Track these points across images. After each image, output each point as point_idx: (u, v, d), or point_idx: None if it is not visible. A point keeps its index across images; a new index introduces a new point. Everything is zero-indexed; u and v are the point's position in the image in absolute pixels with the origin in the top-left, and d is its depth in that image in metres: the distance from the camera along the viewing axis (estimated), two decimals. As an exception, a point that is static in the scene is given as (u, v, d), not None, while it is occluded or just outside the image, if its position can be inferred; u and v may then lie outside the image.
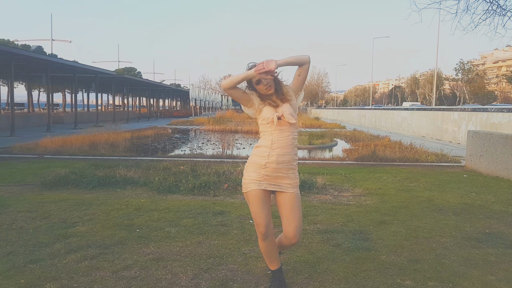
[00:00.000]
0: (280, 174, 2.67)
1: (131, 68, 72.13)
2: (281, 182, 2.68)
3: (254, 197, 2.65)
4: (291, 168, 2.70)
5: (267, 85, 2.63)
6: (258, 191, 2.65)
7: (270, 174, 2.66)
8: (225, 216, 4.66)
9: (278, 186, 2.69)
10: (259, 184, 2.66)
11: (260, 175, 2.66)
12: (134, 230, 4.11)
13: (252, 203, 2.66)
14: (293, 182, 2.72)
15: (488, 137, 8.81)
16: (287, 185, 2.69)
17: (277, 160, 2.64)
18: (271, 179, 2.67)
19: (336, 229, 4.22)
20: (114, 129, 17.14)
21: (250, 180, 2.68)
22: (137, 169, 7.74)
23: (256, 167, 2.69)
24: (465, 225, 4.48)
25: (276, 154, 2.64)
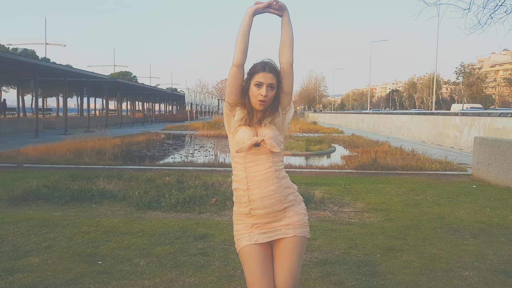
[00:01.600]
0: (273, 218, 1.97)
1: (126, 72, 71.39)
2: (277, 226, 1.97)
3: (247, 256, 1.95)
4: (287, 207, 1.97)
5: (265, 98, 1.92)
6: (251, 247, 1.94)
7: (260, 221, 1.96)
8: (207, 242, 4.00)
9: (273, 233, 1.97)
10: (249, 238, 1.96)
11: (248, 226, 1.97)
12: (95, 262, 3.44)
13: (246, 264, 1.96)
14: (295, 221, 1.98)
15: (497, 144, 8.20)
16: (285, 228, 1.97)
17: (263, 205, 1.93)
18: (263, 226, 1.97)
19: (337, 258, 3.56)
20: (103, 135, 16.43)
21: (239, 235, 2.00)
22: (118, 181, 7.09)
23: (241, 217, 2.00)
24: (487, 251, 3.84)
25: (258, 198, 1.92)
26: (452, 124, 17.62)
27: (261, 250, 1.94)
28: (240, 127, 1.96)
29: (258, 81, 1.91)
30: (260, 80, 1.91)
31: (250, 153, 1.93)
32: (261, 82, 1.91)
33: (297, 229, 1.96)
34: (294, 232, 1.95)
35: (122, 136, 18.68)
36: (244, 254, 1.95)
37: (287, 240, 1.95)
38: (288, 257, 1.94)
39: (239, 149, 1.92)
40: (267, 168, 1.93)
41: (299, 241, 1.96)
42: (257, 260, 1.92)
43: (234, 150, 1.97)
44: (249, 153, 1.93)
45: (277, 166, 1.96)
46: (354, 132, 25.17)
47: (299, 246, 1.96)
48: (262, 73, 1.92)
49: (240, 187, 1.96)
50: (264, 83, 1.91)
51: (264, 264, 1.93)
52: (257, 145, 1.92)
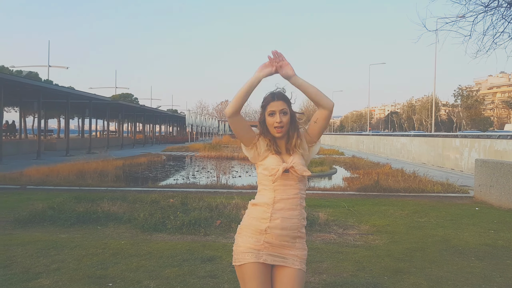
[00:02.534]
0: (285, 243, 2.01)
1: (128, 94, 71.98)
2: (287, 254, 2.01)
3: (250, 274, 1.95)
4: (298, 237, 2.04)
5: (280, 123, 2.02)
6: (256, 265, 1.96)
7: (272, 242, 2.00)
8: (215, 264, 4.03)
9: (282, 259, 2.01)
10: (257, 255, 1.97)
11: (260, 243, 1.99)
12: (106, 284, 3.47)
13: (247, 282, 1.96)
14: (301, 255, 2.04)
15: (498, 166, 8.28)
16: (293, 258, 2.01)
17: (282, 225, 1.99)
18: (273, 248, 2.00)
19: (345, 281, 3.59)
20: (105, 157, 16.49)
21: (246, 249, 1.99)
22: (123, 203, 7.12)
23: (253, 232, 2.02)
24: (493, 274, 3.87)
25: (280, 217, 1.99)
26: (452, 146, 17.73)
27: (265, 271, 1.98)
28: (268, 156, 2.05)
29: (270, 110, 2.04)
30: (272, 109, 2.03)
31: (280, 178, 2.01)
32: (274, 110, 2.03)
33: (302, 263, 2.03)
34: (300, 265, 2.01)
35: (124, 157, 18.74)
36: (247, 270, 1.96)
37: (293, 270, 2.00)
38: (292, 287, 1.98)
39: (273, 178, 2.00)
40: (294, 194, 2.03)
41: (302, 274, 2.03)
42: (260, 280, 1.95)
43: (263, 175, 2.05)
44: (279, 178, 2.01)
45: (302, 193, 2.07)
46: (354, 153, 25.28)
47: (302, 279, 2.02)
48: (272, 103, 2.04)
49: (265, 202, 2.02)
50: (276, 110, 2.02)
51: (266, 285, 1.97)
52: (286, 171, 2.00)
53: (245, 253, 1.98)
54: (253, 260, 1.96)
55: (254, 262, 1.96)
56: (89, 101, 26.31)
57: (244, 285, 1.98)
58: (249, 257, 1.97)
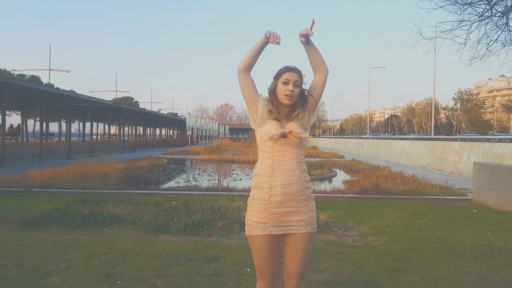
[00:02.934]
0: (288, 209, 2.16)
1: (128, 97, 72.17)
2: (291, 220, 2.17)
3: (257, 244, 2.17)
4: (302, 200, 2.18)
5: (292, 92, 2.19)
6: (263, 237, 2.15)
7: (275, 212, 2.15)
8: (219, 263, 4.16)
9: (287, 227, 2.17)
10: (263, 228, 2.16)
11: (264, 215, 2.16)
12: (115, 282, 3.61)
13: (256, 251, 2.19)
14: (307, 218, 2.19)
15: (496, 169, 8.42)
16: (298, 223, 2.18)
17: (283, 192, 2.13)
18: (278, 218, 2.16)
19: (345, 279, 3.72)
20: (107, 160, 16.64)
21: (253, 223, 2.19)
22: (127, 205, 7.26)
23: (258, 205, 2.18)
24: (488, 273, 4.00)
25: (280, 184, 2.13)
26: (451, 150, 17.87)
27: (272, 241, 2.16)
28: (267, 120, 2.20)
29: (286, 78, 2.19)
30: (288, 78, 2.19)
31: (278, 143, 2.17)
32: (288, 79, 2.18)
33: (308, 225, 2.18)
34: (305, 228, 2.17)
35: (125, 161, 18.87)
36: (256, 241, 2.16)
37: (299, 235, 2.17)
38: (299, 250, 2.16)
39: (272, 136, 2.15)
40: (292, 159, 2.17)
41: (310, 236, 2.19)
42: (267, 249, 2.15)
43: (262, 140, 2.20)
44: (277, 143, 2.17)
45: (300, 158, 2.21)
46: (354, 157, 25.41)
47: (309, 241, 2.19)
48: (288, 73, 2.20)
49: (264, 173, 2.18)
50: (291, 80, 2.18)
51: (273, 253, 2.16)
52: (284, 136, 2.16)
53: (253, 227, 2.17)
54: (259, 233, 2.15)
55: (260, 235, 2.14)
56: (91, 104, 26.49)
57: (254, 252, 2.20)
58: (256, 230, 2.16)
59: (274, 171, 2.15)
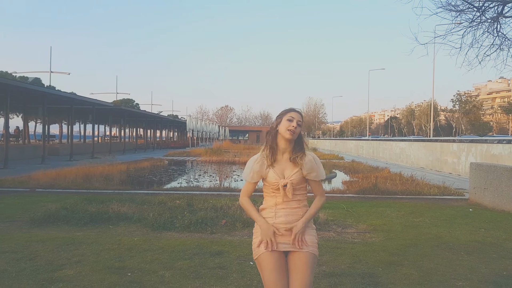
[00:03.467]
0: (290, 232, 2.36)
1: (129, 99, 72.44)
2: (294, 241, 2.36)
3: (266, 262, 2.30)
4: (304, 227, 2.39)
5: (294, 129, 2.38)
6: (269, 254, 2.30)
7: (279, 233, 2.36)
8: (223, 257, 4.36)
9: (289, 246, 2.35)
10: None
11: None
12: (125, 273, 3.81)
13: (265, 270, 2.29)
14: (309, 240, 2.37)
15: (492, 169, 8.61)
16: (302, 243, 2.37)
17: (286, 220, 2.36)
18: (281, 238, 2.35)
19: (343, 271, 3.93)
20: (109, 161, 16.84)
21: (259, 243, 2.37)
22: (131, 204, 7.45)
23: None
24: (479, 266, 4.20)
25: (284, 215, 2.36)
26: (450, 151, 18.07)
27: (278, 258, 2.31)
28: (268, 170, 2.40)
29: (290, 116, 2.41)
30: (293, 116, 2.41)
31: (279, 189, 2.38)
32: (293, 117, 2.40)
33: (310, 247, 2.35)
34: (307, 248, 2.34)
35: (127, 162, 19.07)
36: (262, 260, 2.31)
37: (301, 254, 2.32)
38: (303, 269, 2.29)
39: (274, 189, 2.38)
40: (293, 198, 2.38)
41: (311, 256, 2.34)
42: (274, 266, 2.27)
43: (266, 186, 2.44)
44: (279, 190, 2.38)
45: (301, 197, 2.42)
46: (354, 158, 25.60)
47: (312, 261, 2.33)
48: (293, 112, 2.43)
49: (269, 205, 2.42)
50: (295, 118, 2.40)
51: (280, 271, 2.28)
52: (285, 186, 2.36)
53: (259, 248, 2.35)
54: (265, 250, 2.32)
55: (266, 252, 2.31)
56: (93, 106, 26.70)
57: (263, 273, 2.32)
58: (262, 249, 2.33)
59: (278, 205, 2.39)
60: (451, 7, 6.79)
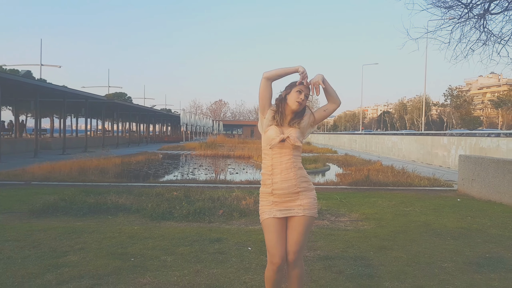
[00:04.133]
0: (288, 199, 2.58)
1: (121, 93, 72.09)
2: (292, 206, 2.58)
3: (267, 226, 2.60)
4: (300, 191, 2.59)
5: (302, 101, 2.60)
6: (270, 219, 2.58)
7: (278, 200, 2.59)
8: (222, 243, 4.55)
9: (288, 211, 2.59)
10: (269, 212, 2.60)
11: (269, 203, 2.61)
12: (128, 259, 3.97)
13: (266, 233, 2.61)
14: (305, 203, 2.59)
15: (480, 161, 8.88)
16: (298, 208, 2.58)
17: (281, 186, 2.57)
18: (280, 204, 2.59)
19: (336, 255, 4.13)
20: (103, 155, 16.91)
21: (262, 210, 2.65)
22: (129, 196, 7.60)
23: (264, 196, 2.66)
24: (464, 249, 4.43)
25: (279, 180, 2.57)
26: (440, 144, 18.40)
27: (278, 223, 2.59)
28: (270, 126, 2.63)
29: (300, 89, 2.61)
30: (302, 89, 2.61)
31: (276, 147, 2.59)
32: (302, 90, 2.61)
33: (306, 210, 2.59)
34: (303, 212, 2.59)
35: (122, 156, 19.13)
36: (265, 224, 2.61)
37: (298, 218, 2.59)
38: (297, 230, 2.58)
39: (271, 146, 2.59)
40: (288, 159, 2.59)
41: (307, 219, 2.60)
42: (274, 229, 2.57)
43: (265, 144, 2.64)
44: (276, 147, 2.59)
45: (296, 158, 2.63)
46: (347, 152, 25.89)
47: (306, 223, 2.60)
48: (302, 86, 2.62)
49: (266, 172, 2.64)
50: (304, 91, 2.61)
51: (280, 233, 2.58)
52: (283, 140, 2.57)
53: (263, 213, 2.63)
54: (267, 216, 2.61)
55: (268, 218, 2.60)
56: (85, 100, 26.63)
57: (266, 235, 2.62)
58: (265, 215, 2.62)
59: (273, 170, 2.58)
60: (440, 3, 7.03)
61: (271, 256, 2.57)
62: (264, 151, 2.66)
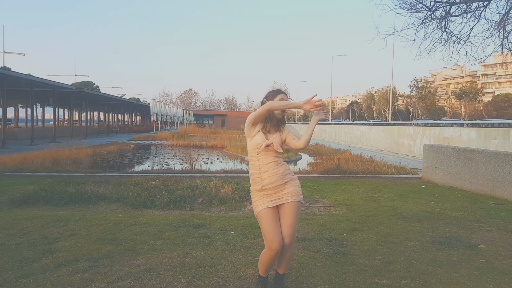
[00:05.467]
0: (278, 190, 2.92)
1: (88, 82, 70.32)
2: (280, 195, 2.92)
3: (262, 216, 2.89)
4: (286, 181, 2.94)
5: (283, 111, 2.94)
6: (264, 210, 2.90)
7: (268, 193, 2.92)
8: (206, 229, 4.82)
9: (278, 199, 2.92)
10: (262, 204, 2.92)
11: (261, 196, 2.94)
12: (119, 243, 4.19)
13: (262, 222, 2.89)
14: (292, 190, 2.94)
15: (443, 150, 9.49)
16: (286, 195, 2.92)
17: (269, 180, 2.91)
18: (270, 196, 2.92)
19: (313, 237, 4.50)
20: (75, 145, 16.72)
21: (256, 204, 2.97)
22: (108, 185, 7.72)
23: (255, 193, 2.98)
24: (428, 230, 4.90)
25: (267, 177, 2.91)
26: (406, 134, 19.23)
27: (271, 212, 2.91)
28: (258, 132, 2.96)
29: (281, 98, 2.96)
30: (283, 98, 2.97)
31: (262, 151, 2.94)
32: (283, 98, 2.97)
33: (294, 196, 2.95)
34: (292, 198, 2.94)
35: (93, 146, 18.96)
36: (260, 215, 2.92)
37: (288, 204, 2.94)
38: (289, 215, 2.93)
39: (258, 149, 2.92)
40: (272, 160, 2.95)
41: (296, 204, 2.96)
42: (269, 218, 2.89)
43: (251, 148, 2.98)
44: (261, 151, 2.94)
45: (278, 158, 3.00)
46: (317, 142, 26.54)
47: (296, 208, 2.96)
48: (283, 94, 2.99)
49: (254, 172, 2.97)
50: (284, 99, 2.97)
51: (274, 221, 2.90)
52: (268, 145, 2.92)
53: (257, 206, 2.96)
54: (261, 208, 2.93)
55: (262, 209, 2.92)
56: (53, 89, 25.98)
57: (261, 225, 2.92)
58: (259, 207, 2.95)
59: (261, 169, 2.92)
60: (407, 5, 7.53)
61: (269, 242, 2.85)
62: (251, 154, 2.99)
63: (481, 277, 3.40)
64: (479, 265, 3.69)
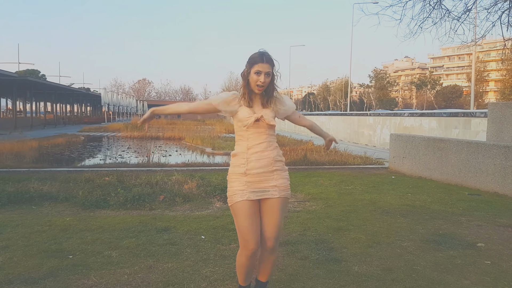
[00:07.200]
0: (263, 178, 2.38)
1: (34, 70, 66.15)
2: (266, 186, 2.39)
3: (239, 209, 2.35)
4: (276, 170, 2.41)
5: (263, 83, 2.34)
6: (243, 202, 2.35)
7: (252, 180, 2.36)
8: (171, 233, 4.15)
9: (262, 193, 2.38)
10: (242, 194, 2.36)
11: (242, 183, 2.38)
12: (65, 256, 3.43)
13: (238, 217, 2.36)
14: (280, 184, 2.41)
15: (410, 140, 9.30)
16: (273, 189, 2.39)
17: (257, 165, 2.36)
18: (254, 185, 2.37)
19: (296, 239, 3.96)
20: (17, 138, 15.27)
21: (233, 192, 2.39)
22: (54, 182, 6.83)
23: (236, 177, 2.41)
24: (417, 227, 4.51)
25: (255, 159, 2.37)
26: (366, 124, 19.25)
27: (252, 205, 2.35)
28: (240, 107, 2.37)
29: (257, 70, 2.32)
30: (259, 69, 2.32)
31: (252, 126, 2.36)
32: (260, 70, 2.32)
33: (282, 191, 2.41)
34: (279, 194, 2.40)
35: (38, 138, 17.46)
36: (237, 207, 2.35)
37: (274, 200, 2.39)
38: (275, 214, 2.39)
39: (247, 125, 2.34)
40: (264, 139, 2.39)
41: (283, 201, 2.43)
42: (248, 213, 2.33)
43: (238, 126, 2.40)
44: (251, 127, 2.36)
45: (271, 138, 2.43)
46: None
47: (283, 205, 2.43)
48: (260, 64, 2.33)
49: (241, 152, 2.39)
50: (262, 71, 2.33)
51: (254, 217, 2.35)
52: (257, 120, 2.35)
53: (234, 195, 2.37)
54: (239, 199, 2.35)
55: (240, 201, 2.34)
56: (-7, 77, 23.86)
57: (236, 219, 2.36)
58: (236, 198, 2.36)
59: (249, 150, 2.38)
60: None
61: (245, 241, 2.34)
62: (239, 133, 2.43)
63: (496, 284, 2.99)
64: (487, 268, 3.30)
